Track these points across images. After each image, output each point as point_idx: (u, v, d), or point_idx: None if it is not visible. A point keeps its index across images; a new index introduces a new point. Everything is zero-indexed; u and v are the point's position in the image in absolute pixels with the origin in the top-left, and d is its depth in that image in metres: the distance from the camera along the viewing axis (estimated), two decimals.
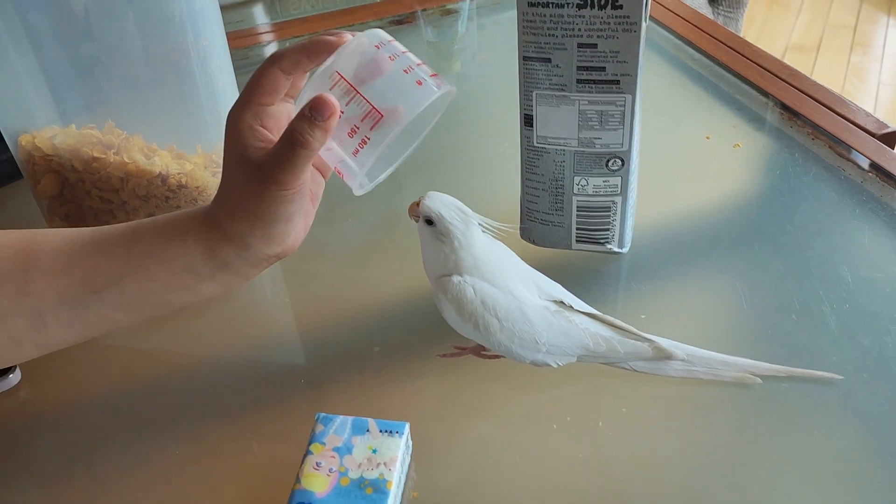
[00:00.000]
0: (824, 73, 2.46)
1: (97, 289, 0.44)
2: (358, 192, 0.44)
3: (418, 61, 0.43)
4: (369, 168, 0.42)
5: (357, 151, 0.42)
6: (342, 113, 0.41)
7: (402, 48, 0.43)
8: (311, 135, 0.41)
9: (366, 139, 0.42)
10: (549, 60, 0.53)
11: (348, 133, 0.42)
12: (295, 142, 0.40)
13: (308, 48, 0.43)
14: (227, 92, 0.63)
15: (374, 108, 0.41)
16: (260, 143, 0.43)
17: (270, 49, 1.02)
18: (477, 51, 1.00)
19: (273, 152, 0.41)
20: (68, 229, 0.46)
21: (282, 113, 0.45)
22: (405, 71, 0.42)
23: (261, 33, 1.03)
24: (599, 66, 0.52)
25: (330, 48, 0.42)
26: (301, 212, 0.44)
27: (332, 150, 0.43)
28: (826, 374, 0.51)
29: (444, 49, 1.03)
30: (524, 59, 0.54)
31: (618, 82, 0.53)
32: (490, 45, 1.01)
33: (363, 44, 0.42)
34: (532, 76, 0.54)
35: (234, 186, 0.43)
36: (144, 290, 0.45)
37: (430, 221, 0.51)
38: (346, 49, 0.41)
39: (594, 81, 0.53)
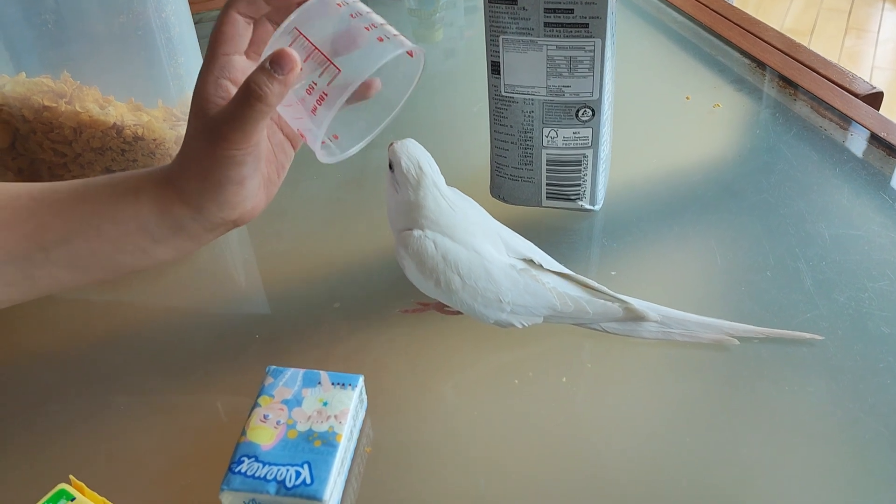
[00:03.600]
0: None
1: (45, 246, 0.42)
2: (323, 158, 0.42)
3: (382, 21, 0.41)
4: (327, 126, 0.40)
5: (315, 108, 0.40)
6: (301, 69, 0.39)
7: (367, 8, 0.41)
8: (269, 87, 0.38)
9: (323, 95, 0.40)
10: (514, 2, 0.51)
11: (307, 90, 0.40)
12: (251, 94, 0.38)
13: None
14: (186, 41, 0.61)
15: (330, 62, 0.39)
16: (220, 100, 0.40)
17: None
18: (464, 26, 0.98)
19: (227, 107, 0.39)
20: (16, 184, 0.44)
21: (250, 68, 0.42)
22: (366, 28, 0.40)
23: None
24: (567, 8, 0.50)
25: None
26: (255, 175, 0.42)
27: (292, 106, 0.41)
28: (806, 335, 0.49)
29: (425, 17, 1.00)
30: (489, 0, 0.51)
31: (587, 25, 0.50)
32: (479, 20, 0.98)
33: (325, 1, 0.40)
34: (498, 20, 0.52)
35: (190, 143, 0.41)
36: (95, 250, 0.43)
37: (391, 167, 0.49)
38: (307, 6, 0.40)
39: (562, 25, 0.51)
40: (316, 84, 0.40)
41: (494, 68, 0.54)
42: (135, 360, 0.52)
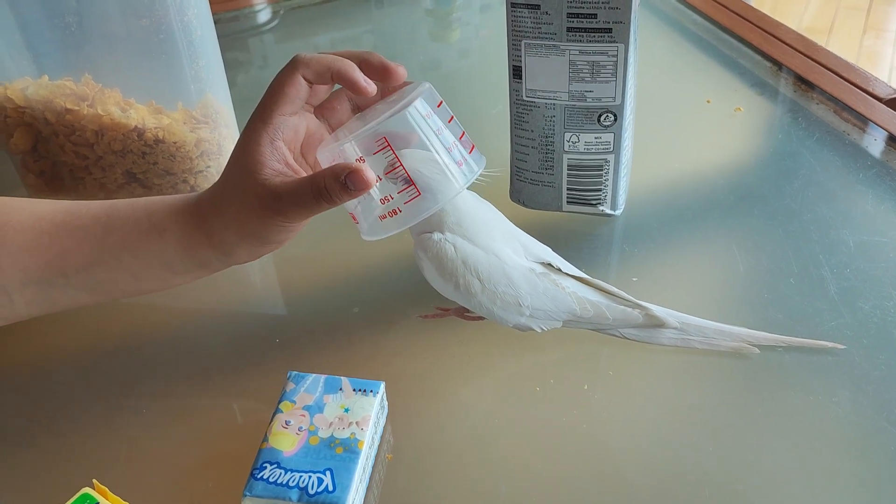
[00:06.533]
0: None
1: (66, 272, 0.43)
2: (366, 239, 0.44)
3: (461, 131, 0.44)
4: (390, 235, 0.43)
5: (384, 217, 0.42)
6: (380, 179, 0.41)
7: (449, 113, 0.43)
8: (340, 198, 0.40)
9: (397, 210, 0.42)
10: (537, 7, 0.50)
11: (381, 200, 0.42)
12: (321, 197, 0.40)
13: (337, 69, 0.42)
14: (207, 44, 0.61)
15: (413, 185, 0.42)
16: (277, 165, 0.42)
17: (263, 14, 0.99)
18: (479, 26, 0.97)
19: (293, 189, 0.41)
20: (40, 202, 0.45)
21: (300, 125, 0.44)
22: (449, 149, 0.42)
23: None
24: (590, 13, 0.49)
25: (353, 85, 0.42)
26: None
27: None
28: (827, 344, 0.49)
29: (441, 17, 1.00)
30: (512, 5, 0.51)
31: (610, 30, 0.50)
32: (494, 19, 0.98)
33: (413, 114, 0.41)
34: (520, 24, 0.52)
35: (235, 198, 0.42)
36: (115, 278, 0.44)
37: None
38: (399, 116, 0.41)
39: (585, 29, 0.50)
40: (392, 198, 0.42)
41: (516, 72, 0.54)
42: (157, 365, 0.52)
